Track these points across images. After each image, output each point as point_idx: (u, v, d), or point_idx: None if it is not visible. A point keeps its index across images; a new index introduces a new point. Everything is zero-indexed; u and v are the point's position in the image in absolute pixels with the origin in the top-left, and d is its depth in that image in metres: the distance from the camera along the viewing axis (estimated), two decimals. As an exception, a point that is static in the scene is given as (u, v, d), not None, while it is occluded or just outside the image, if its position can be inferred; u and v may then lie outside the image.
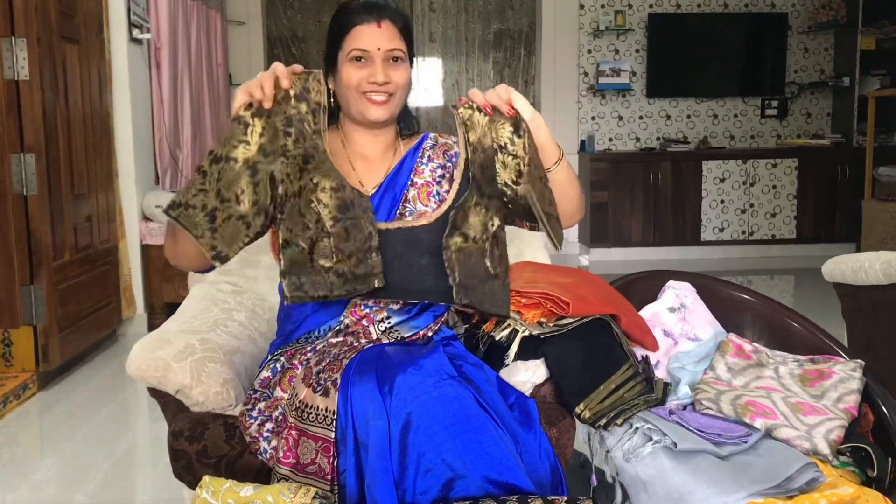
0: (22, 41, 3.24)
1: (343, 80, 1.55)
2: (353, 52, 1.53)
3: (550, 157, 1.50)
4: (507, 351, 1.65)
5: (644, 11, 6.90)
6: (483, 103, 1.45)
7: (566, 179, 1.53)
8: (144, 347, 1.64)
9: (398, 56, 1.55)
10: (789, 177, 6.60)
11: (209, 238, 1.35)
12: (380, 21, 1.53)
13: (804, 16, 6.99)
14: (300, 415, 1.41)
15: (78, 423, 3.05)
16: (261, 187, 1.38)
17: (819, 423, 1.62)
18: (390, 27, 1.54)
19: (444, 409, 1.28)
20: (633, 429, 1.61)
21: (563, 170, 1.52)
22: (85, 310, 3.74)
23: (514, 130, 1.43)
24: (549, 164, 1.50)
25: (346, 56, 1.54)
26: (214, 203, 1.35)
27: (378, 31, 1.53)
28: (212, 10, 5.69)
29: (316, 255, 1.44)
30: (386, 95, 1.55)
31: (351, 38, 1.54)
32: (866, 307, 2.39)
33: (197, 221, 1.34)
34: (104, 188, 4.04)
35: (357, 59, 1.53)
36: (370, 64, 1.53)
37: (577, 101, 6.99)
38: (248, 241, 1.40)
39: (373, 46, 1.52)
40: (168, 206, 1.34)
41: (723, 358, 1.86)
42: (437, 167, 1.65)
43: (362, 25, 1.53)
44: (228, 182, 1.36)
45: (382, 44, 1.53)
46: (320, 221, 1.43)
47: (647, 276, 2.12)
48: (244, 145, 1.37)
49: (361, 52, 1.53)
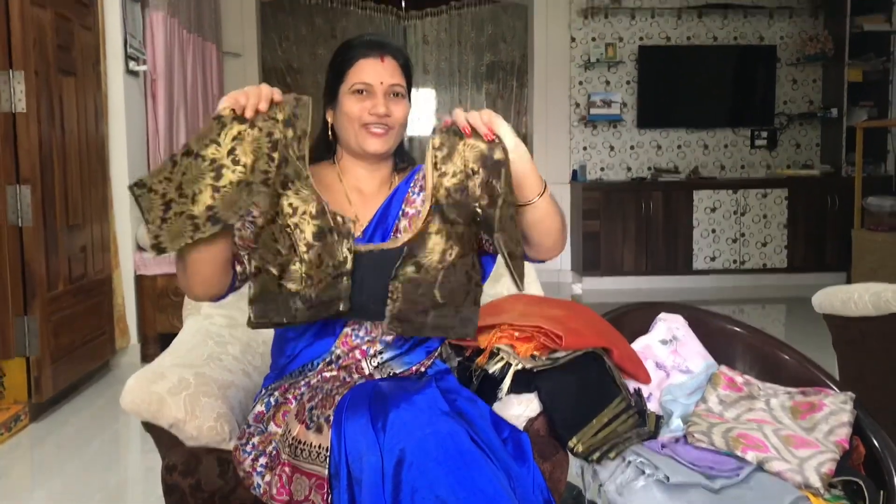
0: (20, 74, 3.27)
1: (344, 112, 1.57)
2: (355, 85, 1.56)
3: (533, 188, 1.44)
4: (500, 384, 1.66)
5: (634, 44, 6.99)
6: (463, 125, 1.42)
7: (548, 212, 1.48)
8: (139, 381, 1.64)
9: (399, 91, 1.58)
10: (780, 206, 6.65)
11: (156, 227, 1.33)
12: (383, 56, 1.57)
13: (792, 48, 7.09)
14: (293, 451, 1.42)
15: (70, 455, 3.04)
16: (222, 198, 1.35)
17: (810, 456, 1.63)
18: (392, 63, 1.58)
19: (437, 446, 1.29)
20: (626, 462, 1.62)
21: (545, 202, 1.46)
22: (78, 340, 3.73)
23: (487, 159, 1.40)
24: (533, 195, 1.44)
25: (348, 88, 1.56)
26: (173, 195, 1.33)
27: (381, 66, 1.56)
28: (208, 42, 5.75)
29: (285, 280, 1.44)
30: (385, 128, 1.57)
31: (354, 71, 1.56)
32: (856, 338, 2.40)
33: (153, 206, 1.33)
34: (99, 219, 4.05)
35: (359, 91, 1.56)
36: (372, 97, 1.56)
37: (569, 132, 7.05)
38: (192, 241, 1.35)
39: (375, 80, 1.56)
40: (134, 182, 1.34)
41: (714, 390, 1.87)
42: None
43: (366, 59, 1.56)
44: (191, 178, 1.34)
45: (385, 78, 1.56)
46: (294, 246, 1.43)
47: (638, 308, 2.13)
48: (215, 146, 1.35)
49: (364, 85, 1.55)
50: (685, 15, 6.99)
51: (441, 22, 7.79)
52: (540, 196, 1.45)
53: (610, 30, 6.98)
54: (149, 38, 4.61)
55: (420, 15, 7.77)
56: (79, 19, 3.85)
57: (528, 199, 1.45)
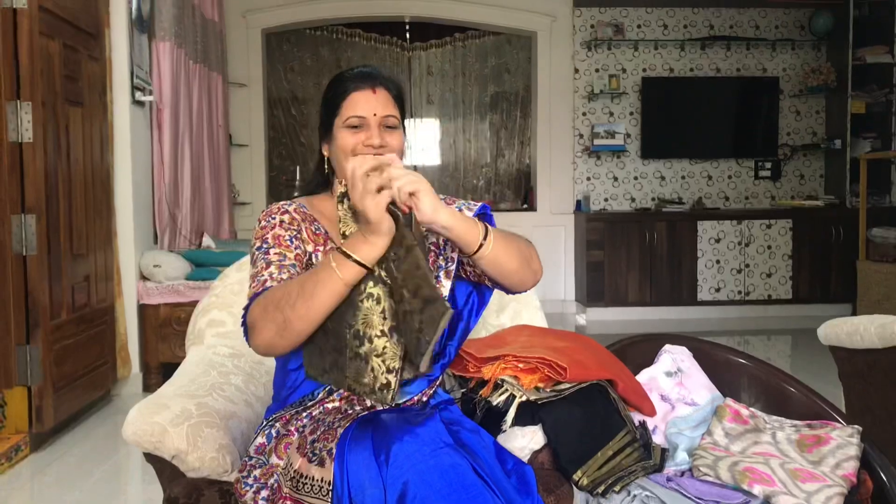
0: (27, 104, 3.29)
1: (340, 146, 1.58)
2: (349, 120, 1.57)
3: (471, 243, 1.44)
4: (504, 416, 1.65)
5: (638, 75, 7.04)
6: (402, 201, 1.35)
7: (497, 255, 1.47)
8: (141, 412, 1.63)
9: (392, 123, 1.59)
10: (784, 237, 6.65)
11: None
12: (374, 88, 1.58)
13: (795, 80, 7.13)
14: (295, 485, 1.40)
15: (70, 486, 3.01)
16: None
17: (818, 490, 1.61)
18: (384, 94, 1.59)
19: (440, 479, 1.28)
20: (631, 496, 1.60)
21: (490, 248, 1.46)
22: (80, 370, 3.72)
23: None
24: (473, 248, 1.44)
25: (342, 122, 1.57)
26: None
27: (374, 97, 1.57)
28: (213, 73, 5.80)
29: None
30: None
31: (347, 105, 1.57)
32: (863, 371, 2.39)
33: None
34: (103, 248, 4.06)
35: (354, 126, 1.57)
36: (366, 129, 1.57)
37: (573, 162, 7.07)
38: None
39: (368, 112, 1.56)
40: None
41: (720, 423, 1.86)
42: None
43: (358, 92, 1.57)
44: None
45: (378, 109, 1.57)
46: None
47: (643, 339, 2.12)
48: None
49: (358, 119, 1.56)
50: (688, 47, 7.05)
51: (445, 53, 7.85)
52: (481, 246, 1.45)
53: (613, 61, 7.03)
54: (155, 69, 4.65)
55: (424, 46, 7.83)
56: (86, 50, 3.89)
57: (471, 252, 1.46)
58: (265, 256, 1.51)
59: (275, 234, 1.53)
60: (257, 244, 1.54)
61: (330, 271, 1.37)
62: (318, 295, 1.36)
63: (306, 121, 7.67)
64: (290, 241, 1.53)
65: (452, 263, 1.59)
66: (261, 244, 1.53)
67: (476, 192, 7.93)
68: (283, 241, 1.53)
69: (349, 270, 1.37)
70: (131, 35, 4.30)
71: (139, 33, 4.42)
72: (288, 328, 1.38)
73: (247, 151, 6.82)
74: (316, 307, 1.37)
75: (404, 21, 7.57)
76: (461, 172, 7.98)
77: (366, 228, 1.36)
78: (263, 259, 1.51)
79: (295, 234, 1.55)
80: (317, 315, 1.38)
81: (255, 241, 1.55)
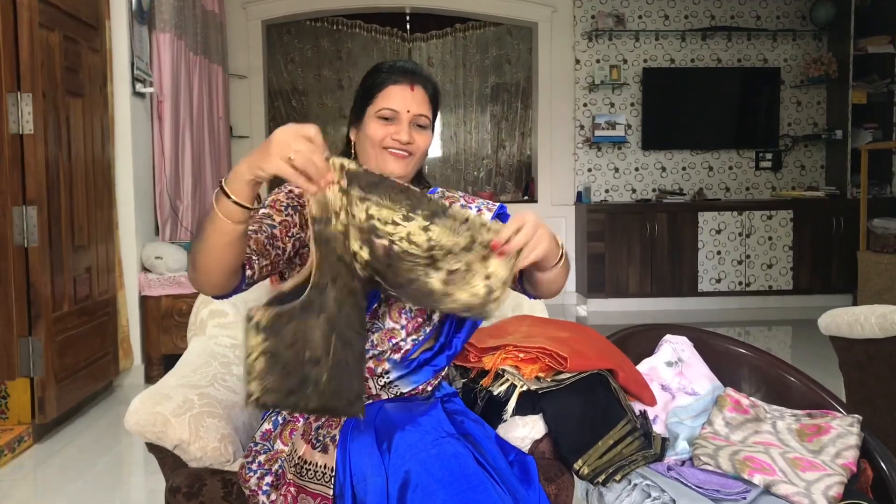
0: (28, 96, 3.29)
1: (368, 135, 1.56)
2: (382, 111, 1.55)
3: (552, 260, 1.44)
4: (505, 406, 1.66)
5: (639, 66, 7.02)
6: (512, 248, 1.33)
7: (558, 274, 1.49)
8: (143, 402, 1.64)
9: (424, 123, 1.58)
10: (785, 228, 6.65)
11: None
12: (413, 85, 1.57)
13: (796, 70, 7.11)
14: (298, 471, 1.41)
15: (73, 476, 3.03)
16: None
17: (818, 479, 1.61)
18: (421, 92, 1.58)
19: (442, 468, 1.28)
20: (632, 485, 1.61)
21: (559, 267, 1.48)
22: (82, 361, 3.73)
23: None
24: (551, 265, 1.45)
25: (374, 112, 1.56)
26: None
27: (410, 94, 1.56)
28: (214, 64, 5.79)
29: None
30: (406, 154, 1.58)
31: (383, 96, 1.56)
32: (863, 361, 2.39)
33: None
34: (104, 239, 4.06)
35: (385, 117, 1.56)
36: (397, 123, 1.56)
37: (574, 154, 7.06)
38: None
39: (402, 108, 1.55)
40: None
41: (720, 412, 1.86)
42: None
43: (396, 86, 1.56)
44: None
45: (412, 107, 1.56)
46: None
47: (643, 330, 2.13)
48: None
49: (391, 111, 1.55)
50: (689, 37, 7.03)
51: (446, 44, 7.84)
52: (556, 264, 1.46)
53: (614, 52, 7.01)
54: (155, 60, 4.65)
55: (425, 37, 7.82)
56: (86, 41, 3.88)
57: (545, 268, 1.46)
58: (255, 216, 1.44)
59: (274, 198, 1.51)
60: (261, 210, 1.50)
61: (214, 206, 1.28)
62: (207, 224, 1.30)
63: (307, 112, 7.66)
64: (285, 208, 1.49)
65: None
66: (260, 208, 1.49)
67: (477, 184, 7.93)
68: (279, 204, 1.49)
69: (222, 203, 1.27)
70: (131, 26, 4.30)
71: (139, 25, 4.42)
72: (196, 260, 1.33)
73: (247, 143, 6.81)
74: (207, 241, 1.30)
75: (405, 12, 7.56)
76: (462, 164, 7.97)
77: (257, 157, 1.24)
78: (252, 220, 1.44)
79: (294, 205, 1.50)
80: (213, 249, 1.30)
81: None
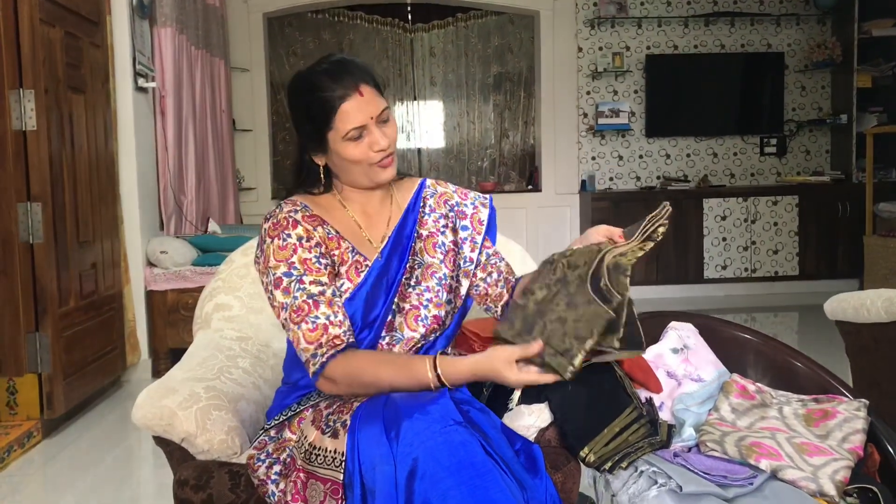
0: (30, 92, 3.29)
1: (347, 159, 1.54)
2: (349, 133, 1.51)
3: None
4: (510, 394, 1.66)
5: (642, 53, 7.00)
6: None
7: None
8: (150, 396, 1.65)
9: (386, 117, 1.56)
10: (790, 214, 6.63)
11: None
12: (357, 88, 1.51)
13: (800, 55, 7.08)
14: (308, 457, 1.42)
15: (82, 471, 3.04)
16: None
17: (825, 464, 1.61)
18: (368, 90, 1.53)
19: (449, 456, 1.29)
20: (638, 472, 1.61)
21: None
22: (90, 356, 3.74)
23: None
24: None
25: (341, 137, 1.52)
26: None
27: (363, 101, 1.51)
28: (216, 58, 5.78)
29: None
30: (391, 156, 1.57)
31: (341, 119, 1.51)
32: (869, 345, 2.39)
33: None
34: (109, 235, 4.07)
35: (355, 137, 1.52)
36: (368, 134, 1.53)
37: (577, 142, 7.05)
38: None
39: (365, 118, 1.52)
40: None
41: (727, 399, 1.86)
42: (439, 217, 1.68)
43: (346, 102, 1.50)
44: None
45: (371, 110, 1.52)
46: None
47: (649, 317, 2.13)
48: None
49: (358, 130, 1.51)
50: (692, 23, 7.00)
51: (448, 34, 7.81)
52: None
53: (617, 39, 6.99)
54: (157, 55, 4.65)
55: (427, 27, 7.80)
56: (88, 37, 3.88)
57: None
58: (301, 286, 1.48)
59: (301, 258, 1.50)
60: (282, 268, 1.50)
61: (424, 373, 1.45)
62: (405, 384, 1.46)
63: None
64: (318, 262, 1.51)
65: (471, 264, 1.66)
66: (288, 269, 1.49)
67: (481, 174, 7.92)
68: (312, 265, 1.50)
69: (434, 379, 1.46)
70: (132, 21, 4.30)
71: (140, 19, 4.41)
72: (363, 392, 1.49)
73: (250, 136, 6.82)
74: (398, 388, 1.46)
75: (406, 2, 7.54)
76: (466, 154, 7.96)
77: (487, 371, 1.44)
78: (300, 289, 1.48)
79: (319, 252, 1.53)
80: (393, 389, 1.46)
81: (278, 262, 1.50)
